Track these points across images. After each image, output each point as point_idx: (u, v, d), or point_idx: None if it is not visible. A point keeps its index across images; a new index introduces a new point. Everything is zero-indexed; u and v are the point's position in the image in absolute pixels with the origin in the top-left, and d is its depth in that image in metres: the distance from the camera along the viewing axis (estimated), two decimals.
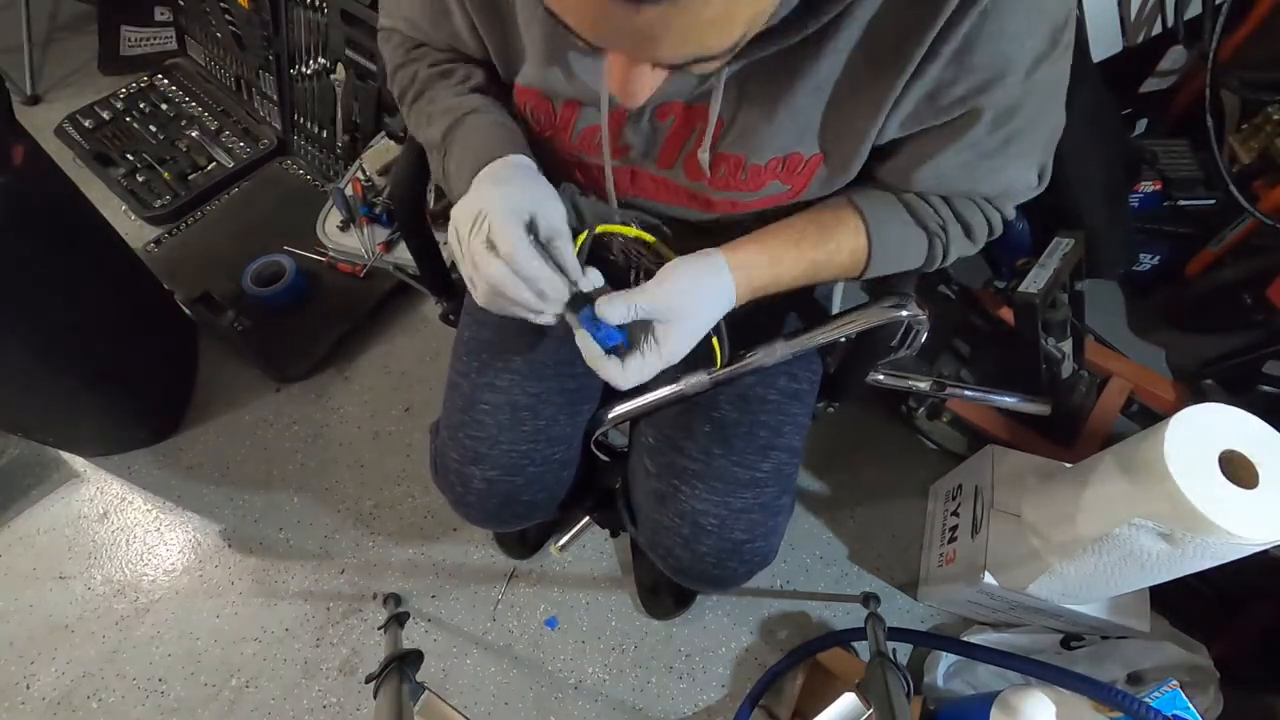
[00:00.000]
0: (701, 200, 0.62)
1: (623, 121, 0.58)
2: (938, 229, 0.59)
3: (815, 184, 0.59)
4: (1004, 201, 0.61)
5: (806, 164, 0.57)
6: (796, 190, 0.59)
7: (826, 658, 1.11)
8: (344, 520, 1.31)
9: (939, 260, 0.62)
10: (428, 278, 0.90)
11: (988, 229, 0.62)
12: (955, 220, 0.60)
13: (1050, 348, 1.19)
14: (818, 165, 0.57)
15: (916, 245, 0.61)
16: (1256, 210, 1.24)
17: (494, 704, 1.14)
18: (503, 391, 0.76)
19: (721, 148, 0.57)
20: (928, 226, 0.59)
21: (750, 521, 0.72)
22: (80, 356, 1.18)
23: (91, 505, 1.34)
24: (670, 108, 0.56)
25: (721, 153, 0.57)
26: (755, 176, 0.58)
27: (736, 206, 0.62)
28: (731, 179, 0.58)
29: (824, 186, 0.60)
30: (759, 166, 0.57)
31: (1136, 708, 0.74)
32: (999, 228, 0.62)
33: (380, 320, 1.55)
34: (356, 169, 1.39)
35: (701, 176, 0.59)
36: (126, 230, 1.56)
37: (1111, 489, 0.86)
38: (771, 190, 0.59)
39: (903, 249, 0.61)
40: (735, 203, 0.61)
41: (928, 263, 0.63)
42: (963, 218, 0.60)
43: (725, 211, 0.63)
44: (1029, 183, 0.59)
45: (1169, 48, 1.40)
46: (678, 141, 0.59)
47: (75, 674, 1.17)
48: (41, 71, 2.02)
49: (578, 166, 0.65)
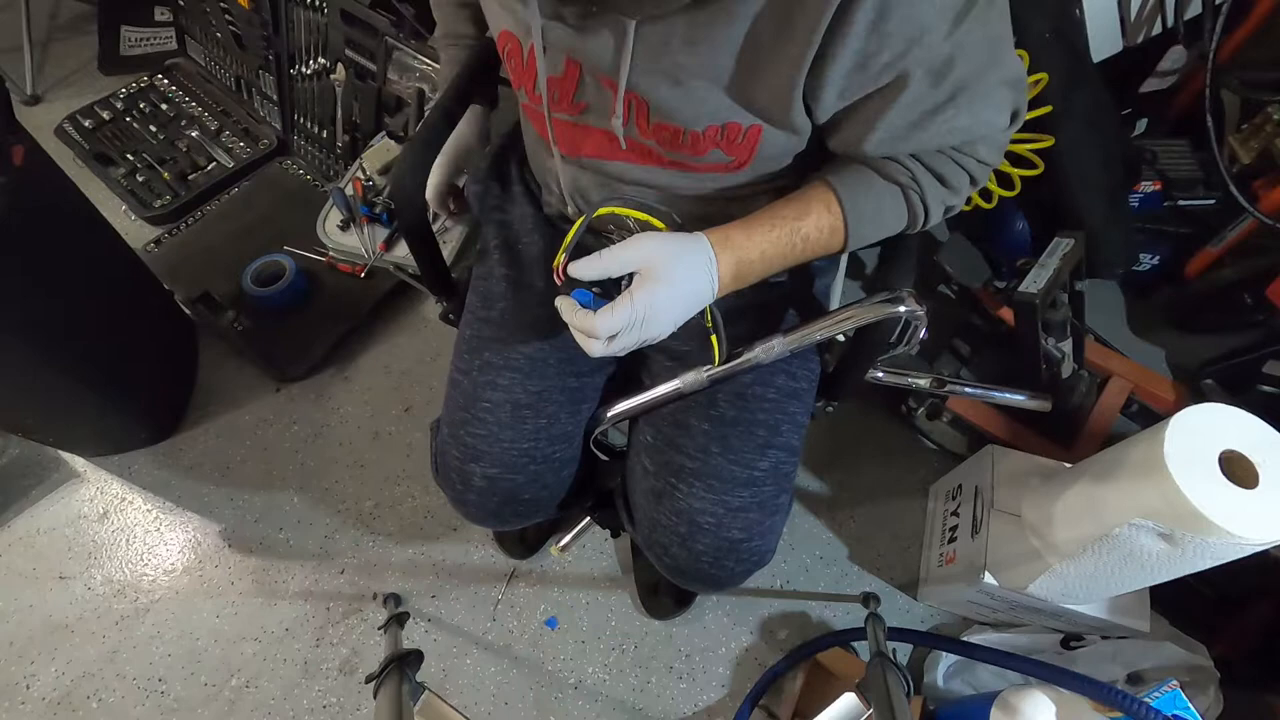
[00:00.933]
0: (653, 156, 0.64)
1: (576, 81, 0.61)
2: (909, 182, 0.61)
3: (765, 152, 0.61)
4: (973, 147, 0.61)
5: (745, 133, 0.59)
6: (741, 161, 0.61)
7: (826, 658, 1.11)
8: (344, 520, 1.31)
9: (922, 216, 0.63)
10: (428, 278, 0.90)
11: (966, 176, 0.62)
12: (926, 171, 0.61)
13: (1050, 348, 1.19)
14: (758, 136, 0.59)
15: (893, 204, 0.62)
16: (1256, 210, 1.24)
17: (494, 704, 1.14)
18: (504, 390, 0.76)
19: (657, 119, 0.59)
20: (898, 180, 0.61)
21: (747, 520, 0.72)
22: (80, 356, 1.18)
23: (91, 505, 1.34)
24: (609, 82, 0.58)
25: (658, 123, 0.59)
26: (695, 143, 0.60)
27: (686, 168, 0.64)
28: (675, 143, 0.61)
29: (781, 154, 0.62)
30: (697, 134, 0.59)
31: (1136, 708, 0.74)
32: (979, 173, 0.63)
33: (380, 320, 1.55)
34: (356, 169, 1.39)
35: (650, 134, 0.61)
36: (126, 230, 1.56)
37: (1111, 489, 0.86)
38: (714, 158, 0.61)
39: (879, 210, 0.62)
40: (685, 164, 0.64)
41: (910, 220, 0.64)
42: (933, 169, 0.61)
43: (680, 170, 0.65)
44: (997, 125, 0.60)
45: (1169, 48, 1.40)
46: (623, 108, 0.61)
47: (75, 674, 1.17)
48: (41, 71, 2.03)
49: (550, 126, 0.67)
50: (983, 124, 0.59)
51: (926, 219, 0.64)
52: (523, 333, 0.77)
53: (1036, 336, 1.14)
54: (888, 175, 0.61)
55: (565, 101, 0.63)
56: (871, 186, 0.61)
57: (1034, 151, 1.24)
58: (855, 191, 0.61)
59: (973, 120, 0.58)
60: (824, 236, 0.62)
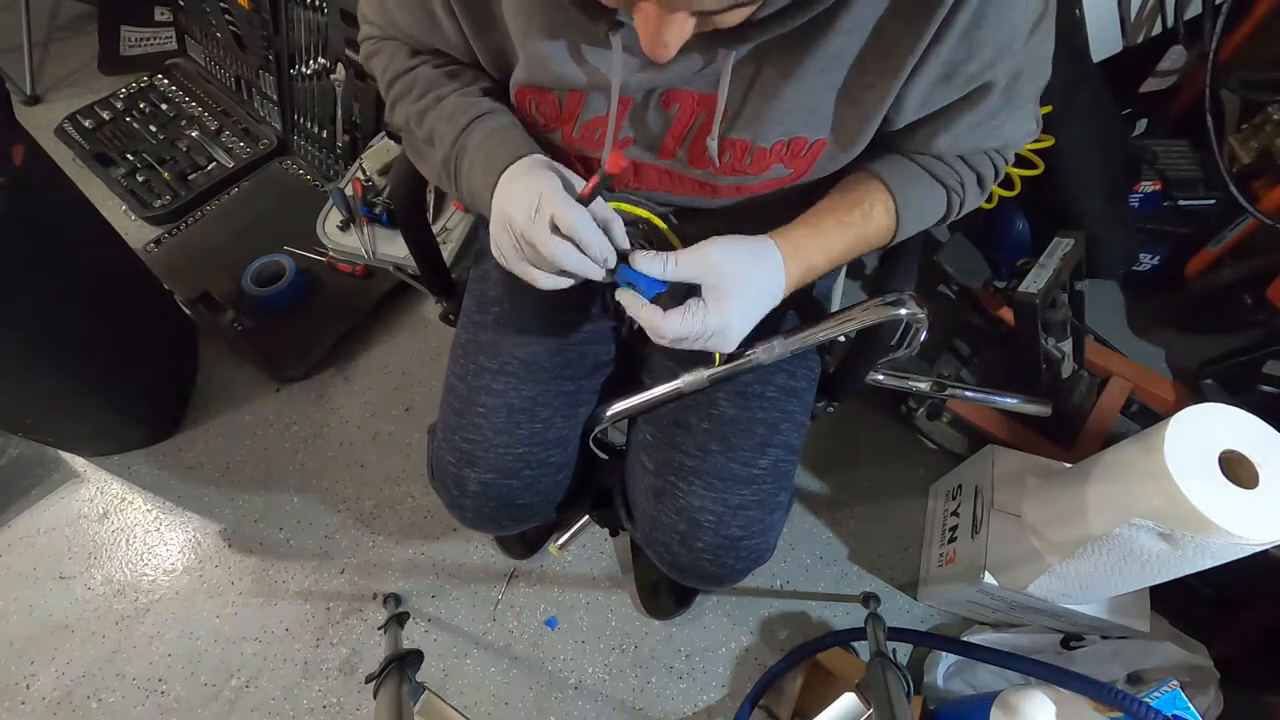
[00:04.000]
0: (707, 187, 0.64)
1: (625, 113, 0.59)
2: (955, 185, 0.62)
3: (817, 166, 0.61)
4: (1008, 150, 0.64)
5: (810, 147, 0.58)
6: (799, 173, 0.61)
7: (826, 658, 1.11)
8: (344, 520, 1.31)
9: (955, 212, 0.65)
10: (428, 278, 0.90)
11: (994, 176, 0.65)
12: (970, 171, 0.63)
13: (1050, 348, 1.19)
14: (821, 149, 0.59)
15: (936, 202, 0.64)
16: (1256, 210, 1.25)
17: (494, 704, 1.14)
18: (499, 394, 0.75)
19: (729, 133, 0.58)
20: (946, 183, 0.62)
21: (747, 518, 0.72)
22: (80, 356, 1.18)
23: (91, 505, 1.34)
24: (678, 95, 0.57)
25: (728, 138, 0.58)
26: (760, 160, 0.59)
27: (741, 190, 0.63)
28: (737, 163, 0.60)
29: (824, 168, 0.62)
30: (764, 150, 0.58)
31: (1136, 708, 0.74)
32: (1003, 172, 0.66)
33: (380, 320, 1.55)
34: (356, 169, 1.39)
35: (706, 164, 0.60)
36: (126, 230, 1.56)
37: (1111, 489, 0.86)
38: (775, 173, 0.61)
39: (924, 208, 0.63)
40: (740, 187, 0.63)
41: (945, 217, 0.66)
42: (976, 169, 0.63)
43: (730, 196, 0.64)
44: (1030, 130, 0.62)
45: (1169, 48, 1.40)
46: (681, 129, 0.60)
47: (75, 674, 1.17)
48: (41, 71, 2.02)
49: (579, 162, 0.66)
50: (1023, 132, 0.61)
51: (958, 214, 0.66)
52: (518, 337, 0.77)
53: (1036, 336, 1.14)
54: (936, 175, 0.62)
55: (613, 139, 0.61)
56: (920, 186, 0.62)
57: (1034, 151, 1.24)
58: (909, 194, 0.61)
59: (1015, 126, 0.60)
60: (879, 237, 0.63)
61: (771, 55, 0.52)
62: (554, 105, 0.60)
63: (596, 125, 0.60)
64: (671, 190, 0.66)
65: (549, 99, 0.60)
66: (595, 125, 0.60)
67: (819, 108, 0.55)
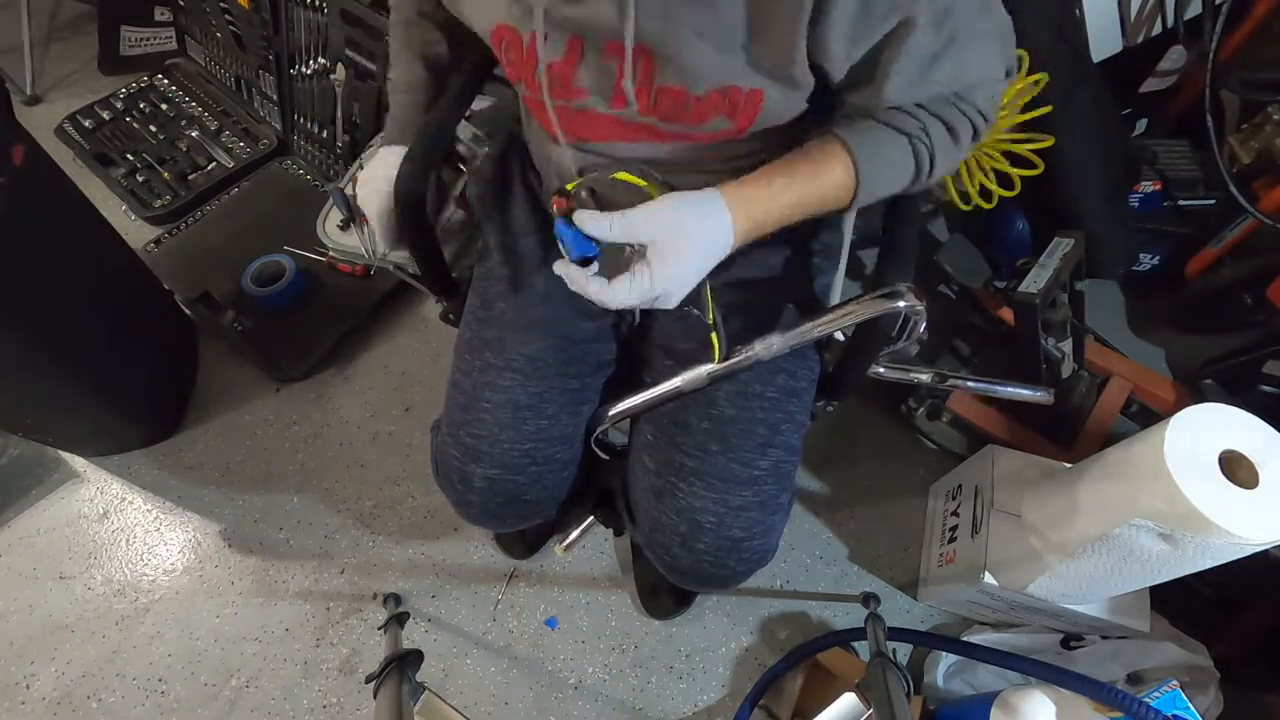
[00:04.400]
0: (654, 132, 0.65)
1: (576, 64, 0.61)
2: (918, 131, 0.61)
3: (767, 118, 0.61)
4: (973, 94, 0.62)
5: (746, 97, 0.59)
6: (741, 126, 0.61)
7: (826, 658, 1.11)
8: (344, 520, 1.31)
9: (927, 165, 0.63)
10: (428, 278, 0.90)
11: (969, 126, 0.63)
12: (934, 118, 0.61)
13: (1050, 348, 1.19)
14: (759, 99, 0.59)
15: (901, 157, 0.62)
16: (1256, 210, 1.24)
17: (494, 704, 1.14)
18: (504, 390, 0.76)
19: (662, 81, 0.59)
20: (906, 130, 0.61)
21: (748, 519, 0.72)
22: (80, 356, 1.18)
23: (91, 505, 1.34)
24: (616, 46, 0.58)
25: (663, 86, 0.59)
26: (698, 109, 0.60)
27: (688, 139, 0.65)
28: (677, 112, 0.60)
29: (780, 111, 0.61)
30: (699, 99, 0.59)
31: (1136, 708, 0.74)
32: (980, 124, 0.64)
33: (380, 320, 1.55)
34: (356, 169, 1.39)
35: (651, 111, 0.61)
36: (126, 230, 1.56)
37: (1111, 489, 0.86)
38: (717, 125, 0.61)
39: (890, 164, 0.62)
40: (685, 134, 0.64)
41: (917, 169, 0.63)
42: (940, 116, 0.62)
43: (678, 143, 0.65)
44: (994, 73, 0.62)
45: (1169, 48, 1.40)
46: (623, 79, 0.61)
47: (75, 674, 1.17)
48: (41, 71, 2.03)
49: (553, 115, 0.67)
50: (980, 70, 0.60)
51: (932, 171, 0.64)
52: (523, 333, 0.77)
53: (1036, 336, 1.14)
54: (896, 126, 0.61)
55: (566, 85, 0.63)
56: (881, 140, 0.62)
57: (1034, 151, 1.24)
58: (865, 146, 0.61)
59: (970, 66, 0.59)
60: (837, 192, 0.62)
61: None
62: (519, 48, 0.62)
63: (552, 70, 0.62)
64: (623, 138, 0.66)
65: (515, 41, 0.62)
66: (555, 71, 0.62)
67: (737, 49, 0.56)
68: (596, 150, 0.69)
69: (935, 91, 0.60)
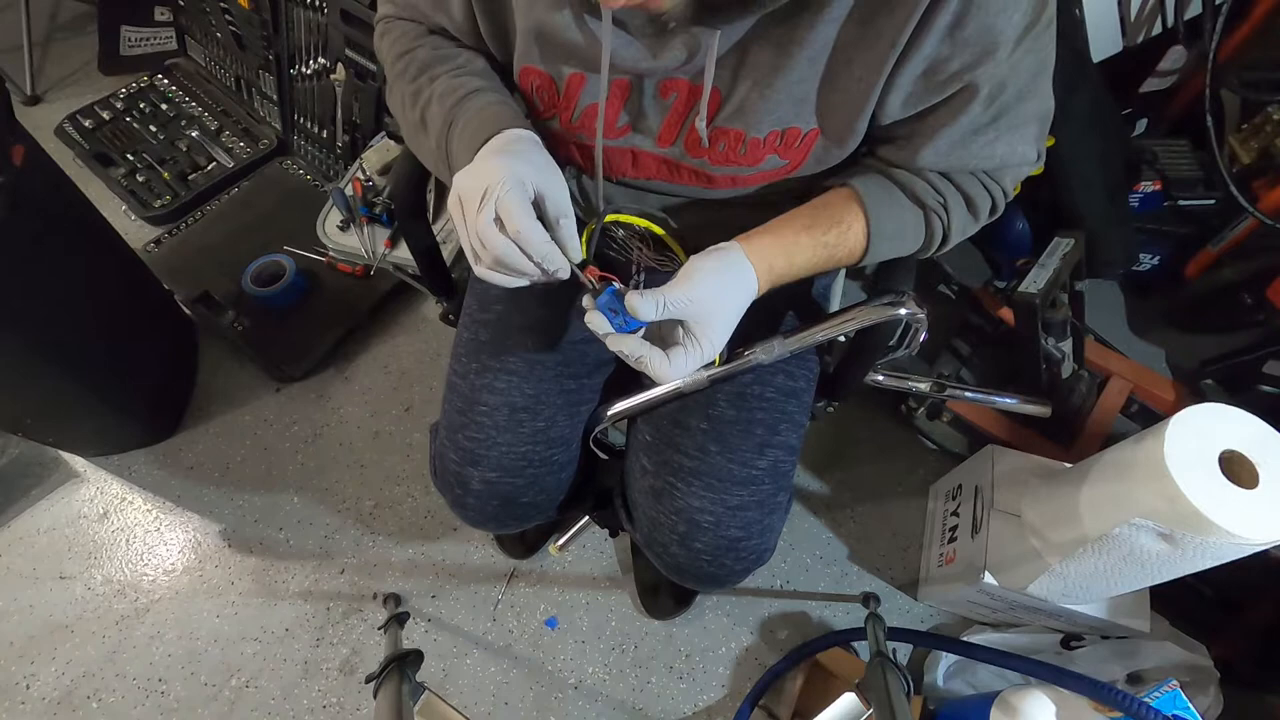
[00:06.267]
0: (704, 177, 0.64)
1: (624, 101, 0.60)
2: (936, 205, 0.60)
3: (812, 158, 0.60)
4: (1002, 175, 0.61)
5: (804, 138, 0.58)
6: (794, 164, 0.61)
7: (826, 658, 1.11)
8: (344, 520, 1.31)
9: (938, 239, 0.62)
10: (428, 278, 0.90)
11: (990, 203, 0.62)
12: (956, 192, 0.60)
13: (1050, 348, 1.19)
14: (815, 139, 0.59)
15: (914, 227, 0.61)
16: (1256, 210, 1.24)
17: (494, 704, 1.14)
18: (501, 393, 0.75)
19: (720, 122, 0.58)
20: (925, 203, 0.60)
21: (746, 519, 0.72)
22: (80, 356, 1.18)
23: (91, 505, 1.34)
24: (675, 84, 0.58)
25: (720, 127, 0.58)
26: (754, 151, 0.59)
27: (737, 182, 0.63)
28: (731, 153, 0.60)
29: (820, 161, 0.61)
30: (758, 140, 0.58)
31: (1136, 708, 0.74)
32: (1000, 203, 0.63)
33: (380, 320, 1.55)
34: (356, 169, 1.39)
35: (703, 153, 0.60)
36: (126, 230, 1.56)
37: (1111, 489, 0.86)
38: (770, 164, 0.60)
39: (900, 232, 0.61)
40: (735, 178, 0.63)
41: (928, 241, 0.63)
42: (963, 189, 0.61)
43: (726, 187, 0.64)
44: (1027, 158, 0.60)
45: (1169, 48, 1.40)
46: (677, 118, 0.60)
47: (75, 674, 1.17)
48: (41, 71, 2.03)
49: (577, 148, 0.66)
50: (1016, 154, 0.59)
51: (944, 244, 0.63)
52: (520, 335, 0.77)
53: (1036, 336, 1.14)
54: (915, 196, 0.60)
55: (609, 125, 0.62)
56: (897, 207, 0.60)
57: None
58: (881, 212, 0.59)
59: (1008, 149, 0.58)
60: (849, 257, 0.62)
61: (760, 44, 0.53)
62: (552, 89, 0.61)
63: (595, 111, 0.60)
64: (669, 179, 0.66)
65: (549, 83, 0.61)
66: (594, 111, 0.60)
67: (808, 98, 0.56)
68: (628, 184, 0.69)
69: (967, 165, 0.59)
